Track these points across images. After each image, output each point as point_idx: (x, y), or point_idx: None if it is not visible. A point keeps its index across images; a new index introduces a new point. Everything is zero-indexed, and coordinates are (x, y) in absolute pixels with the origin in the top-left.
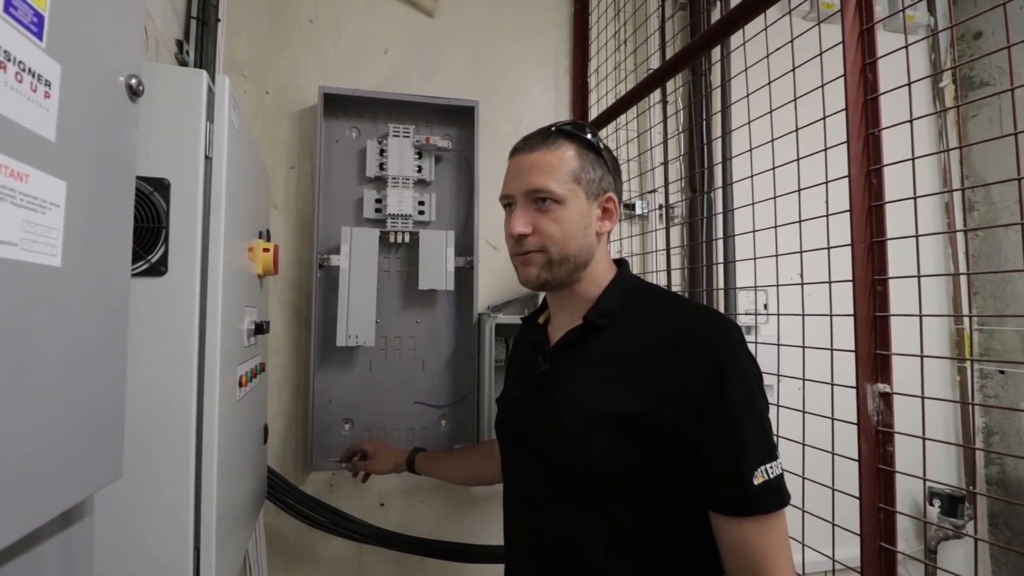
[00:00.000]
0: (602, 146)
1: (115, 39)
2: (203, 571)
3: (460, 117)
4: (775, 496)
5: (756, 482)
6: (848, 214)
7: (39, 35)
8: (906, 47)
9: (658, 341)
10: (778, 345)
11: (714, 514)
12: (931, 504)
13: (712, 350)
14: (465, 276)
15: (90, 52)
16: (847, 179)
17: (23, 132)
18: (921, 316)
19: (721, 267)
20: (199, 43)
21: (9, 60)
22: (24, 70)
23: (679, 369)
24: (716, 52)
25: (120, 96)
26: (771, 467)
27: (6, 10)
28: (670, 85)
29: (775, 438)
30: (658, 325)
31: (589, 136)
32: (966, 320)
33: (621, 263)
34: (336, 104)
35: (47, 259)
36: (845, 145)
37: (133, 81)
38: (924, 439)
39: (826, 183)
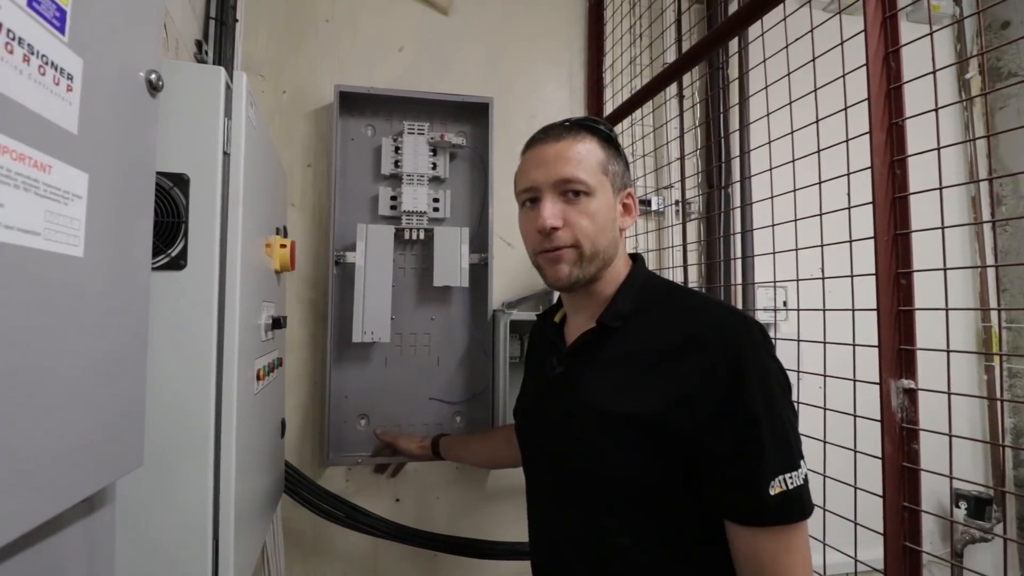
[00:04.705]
0: (618, 142)
1: (135, 35)
2: (221, 563)
3: (474, 114)
4: (792, 507)
5: (772, 492)
6: (871, 206)
7: (62, 29)
8: (931, 33)
9: (675, 342)
10: (798, 341)
11: (728, 522)
12: (957, 507)
13: (732, 352)
14: (480, 273)
15: (111, 47)
16: (870, 170)
17: (46, 124)
18: (948, 310)
19: (739, 263)
20: (218, 43)
21: (33, 54)
22: (47, 63)
23: (696, 371)
24: (733, 44)
25: (140, 91)
26: (790, 477)
27: (30, 4)
28: (686, 79)
29: (799, 446)
30: (676, 325)
31: (608, 131)
32: (994, 316)
33: (636, 258)
34: (352, 102)
35: (70, 249)
36: (867, 136)
37: (153, 77)
38: (951, 436)
39: (848, 175)
